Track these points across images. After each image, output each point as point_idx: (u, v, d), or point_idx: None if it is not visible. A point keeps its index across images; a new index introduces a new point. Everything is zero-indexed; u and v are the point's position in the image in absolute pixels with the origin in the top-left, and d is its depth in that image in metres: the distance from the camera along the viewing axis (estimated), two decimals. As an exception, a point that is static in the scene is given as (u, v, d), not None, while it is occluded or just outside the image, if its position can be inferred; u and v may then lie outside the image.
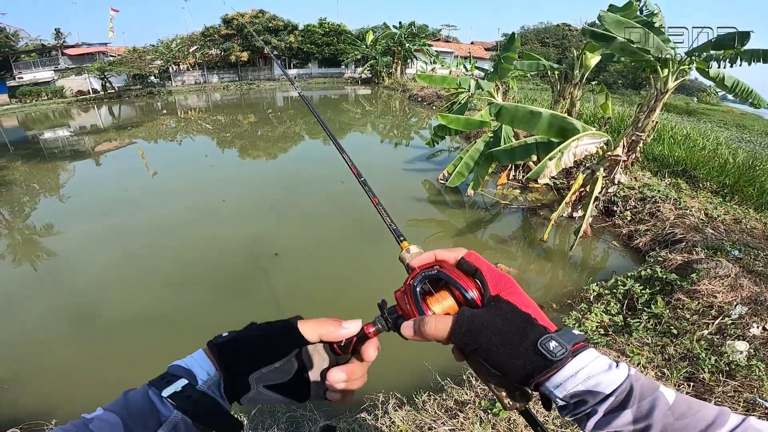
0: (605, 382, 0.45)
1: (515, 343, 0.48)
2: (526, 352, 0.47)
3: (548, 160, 4.46)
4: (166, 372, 0.52)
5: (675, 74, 4.91)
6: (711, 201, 6.05)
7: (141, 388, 0.50)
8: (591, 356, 0.47)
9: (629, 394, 0.44)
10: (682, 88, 40.83)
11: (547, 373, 0.47)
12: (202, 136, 15.28)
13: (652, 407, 0.43)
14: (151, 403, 0.48)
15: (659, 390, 0.45)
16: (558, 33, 49.16)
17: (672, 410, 0.43)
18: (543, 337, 0.48)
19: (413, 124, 16.96)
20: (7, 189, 8.83)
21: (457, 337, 0.50)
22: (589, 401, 0.45)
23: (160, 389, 0.48)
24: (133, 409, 0.47)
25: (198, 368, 0.53)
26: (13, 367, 3.44)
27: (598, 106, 10.09)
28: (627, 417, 0.43)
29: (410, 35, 30.41)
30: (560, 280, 4.86)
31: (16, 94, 26.21)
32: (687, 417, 0.42)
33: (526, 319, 0.50)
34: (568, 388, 0.46)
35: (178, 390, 0.49)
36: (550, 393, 0.47)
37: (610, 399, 0.44)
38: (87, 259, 5.39)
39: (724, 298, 3.29)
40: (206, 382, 0.52)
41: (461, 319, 0.50)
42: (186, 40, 32.85)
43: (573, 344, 0.47)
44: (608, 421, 0.44)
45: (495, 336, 0.49)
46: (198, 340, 2.08)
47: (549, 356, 0.46)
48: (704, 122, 17.23)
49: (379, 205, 0.76)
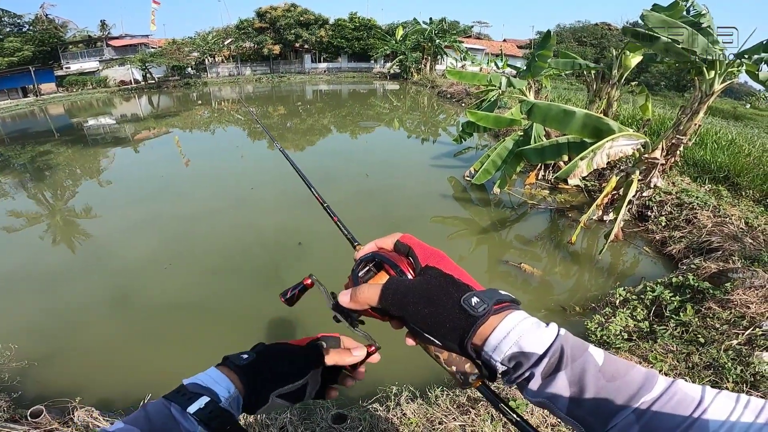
0: (535, 340, 0.45)
1: (440, 303, 0.50)
2: (451, 310, 0.49)
3: (579, 159, 4.33)
4: (183, 388, 0.55)
5: (722, 76, 4.65)
6: (752, 210, 5.71)
7: (159, 402, 0.52)
8: (520, 317, 0.48)
9: (562, 354, 0.44)
10: (729, 91, 38.68)
11: (475, 332, 0.47)
12: (234, 126, 15.68)
13: (583, 369, 0.43)
14: (173, 419, 0.50)
15: (588, 351, 0.45)
16: (596, 32, 47.42)
17: (602, 372, 0.43)
18: (465, 294, 0.49)
19: (441, 121, 16.81)
20: (51, 173, 9.37)
21: (386, 300, 0.53)
22: (524, 363, 0.45)
23: (184, 406, 0.51)
24: (155, 423, 0.50)
25: (218, 386, 0.56)
26: (45, 346, 3.56)
27: (637, 107, 9.69)
28: (563, 379, 0.44)
29: (441, 31, 30.04)
30: (586, 284, 4.72)
31: (63, 84, 27.68)
32: (617, 379, 0.42)
33: (449, 280, 0.53)
34: (504, 350, 0.46)
35: (201, 407, 0.52)
36: (490, 358, 0.47)
37: (544, 361, 0.44)
38: (123, 242, 5.63)
39: (757, 309, 3.13)
40: (227, 399, 0.55)
41: (388, 284, 0.54)
42: (221, 32, 33.76)
43: (496, 301, 0.48)
44: (547, 384, 0.44)
45: (420, 298, 0.51)
46: (227, 327, 2.20)
47: (471, 311, 0.47)
48: (751, 127, 16.24)
49: (339, 222, 0.90)
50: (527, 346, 0.45)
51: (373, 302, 0.54)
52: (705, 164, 7.42)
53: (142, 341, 3.70)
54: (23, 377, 3.12)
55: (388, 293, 0.53)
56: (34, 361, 3.27)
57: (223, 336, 3.67)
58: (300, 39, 34.36)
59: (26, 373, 3.17)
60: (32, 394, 2.98)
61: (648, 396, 0.41)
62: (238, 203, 6.93)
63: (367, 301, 0.55)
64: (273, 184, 8.18)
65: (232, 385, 0.57)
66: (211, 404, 0.52)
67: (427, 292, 0.51)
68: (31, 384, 3.11)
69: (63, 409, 2.57)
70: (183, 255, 5.25)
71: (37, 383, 3.12)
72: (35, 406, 2.44)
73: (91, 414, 2.49)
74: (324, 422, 2.39)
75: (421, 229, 6.01)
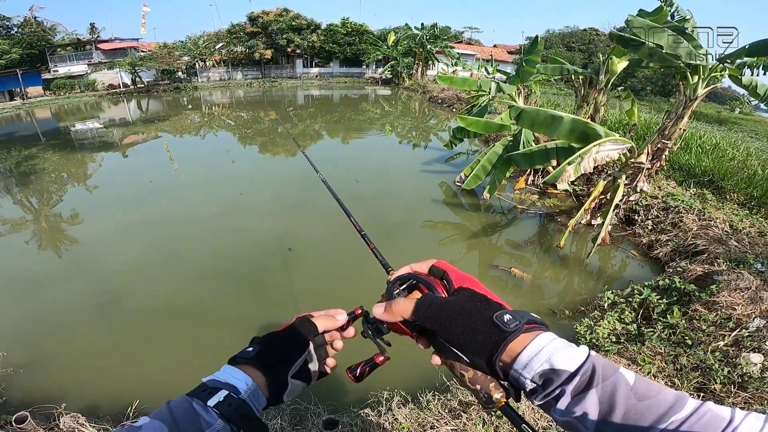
0: (567, 358, 0.46)
1: (472, 318, 0.52)
2: (484, 326, 0.51)
3: (567, 164, 4.39)
4: (203, 385, 0.58)
5: (705, 81, 4.76)
6: (737, 213, 5.84)
7: (182, 399, 0.55)
8: (550, 337, 0.49)
9: (593, 372, 0.45)
10: (714, 96, 39.42)
11: (505, 347, 0.49)
12: (224, 131, 15.59)
13: (614, 388, 0.44)
14: (195, 413, 0.53)
15: (619, 371, 0.46)
16: (584, 37, 48.17)
17: (633, 391, 0.44)
18: (498, 312, 0.52)
19: (432, 126, 16.91)
20: (37, 177, 9.22)
21: (420, 313, 0.56)
22: (555, 381, 0.46)
23: (204, 400, 0.54)
24: (179, 417, 0.52)
25: (235, 380, 0.58)
26: (31, 352, 3.50)
27: (623, 112, 9.85)
28: (593, 397, 0.44)
29: (432, 37, 30.30)
30: (575, 288, 4.78)
31: (51, 87, 27.25)
32: (648, 399, 0.43)
33: (483, 299, 0.56)
34: (535, 367, 0.47)
35: (221, 400, 0.55)
36: (519, 375, 0.48)
37: (575, 379, 0.45)
38: (110, 248, 5.55)
39: (743, 311, 3.19)
40: (246, 391, 0.58)
41: (423, 299, 0.58)
42: (213, 37, 33.58)
43: (527, 320, 0.50)
44: (576, 402, 0.45)
45: (453, 313, 0.53)
46: (215, 332, 2.19)
47: (503, 327, 0.49)
48: (735, 132, 16.59)
49: (375, 249, 0.92)
50: (559, 364, 0.46)
51: (406, 314, 0.57)
52: (690, 168, 7.57)
53: (128, 347, 3.65)
54: (8, 384, 3.07)
55: (422, 307, 0.56)
56: (20, 367, 3.21)
57: (212, 341, 3.63)
58: (292, 44, 34.36)
59: (11, 379, 3.11)
60: (17, 401, 2.94)
61: (678, 415, 0.41)
62: (227, 209, 6.88)
63: (401, 313, 0.58)
64: (263, 189, 8.15)
65: (249, 378, 0.59)
66: (230, 397, 0.55)
67: (461, 308, 0.54)
68: (16, 390, 3.06)
69: (48, 415, 2.53)
70: (171, 260, 5.19)
71: (23, 389, 3.08)
72: (20, 412, 2.39)
73: (77, 420, 2.44)
74: (315, 428, 2.38)
75: (413, 234, 6.03)
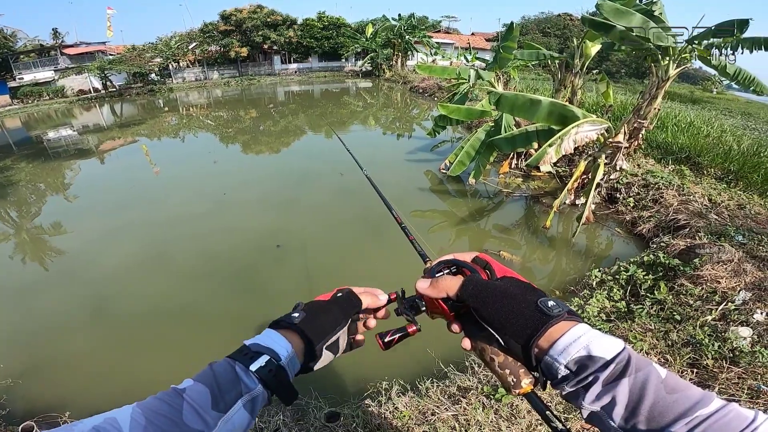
0: (604, 347, 0.47)
1: (516, 300, 0.54)
2: (528, 308, 0.52)
3: (548, 146, 4.44)
4: (245, 348, 0.59)
5: (676, 62, 4.86)
6: (715, 187, 6.00)
7: (224, 361, 0.57)
8: (588, 327, 0.50)
9: (628, 362, 0.46)
10: (686, 76, 40.27)
11: (546, 330, 0.50)
12: (204, 132, 15.29)
13: (646, 379, 0.45)
14: (236, 376, 0.55)
15: (653, 364, 0.47)
16: (559, 23, 48.68)
17: (664, 384, 0.45)
18: (543, 297, 0.53)
19: (415, 116, 16.89)
20: (13, 189, 8.90)
21: (465, 290, 0.58)
22: (590, 367, 0.47)
23: (246, 364, 0.56)
24: (221, 380, 0.53)
25: (278, 346, 0.60)
26: (28, 362, 3.49)
27: (599, 94, 10.00)
28: (624, 387, 0.45)
29: (410, 27, 30.17)
30: (564, 268, 4.86)
31: (18, 95, 26.24)
32: (676, 392, 0.44)
33: (528, 285, 0.57)
34: (572, 353, 0.48)
35: (262, 365, 0.56)
36: (554, 361, 0.49)
37: (610, 366, 0.46)
38: (96, 255, 5.43)
39: (728, 284, 3.27)
40: (287, 357, 0.59)
41: (471, 278, 0.60)
42: (185, 37, 32.74)
43: (569, 310, 0.52)
44: (607, 391, 0.46)
45: (498, 294, 0.55)
46: (210, 332, 2.16)
47: (548, 311, 0.51)
48: (709, 110, 17.03)
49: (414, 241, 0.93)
50: (596, 351, 0.47)
51: (452, 291, 0.59)
52: (667, 146, 7.74)
53: (124, 351, 3.62)
54: (9, 395, 3.03)
55: (469, 285, 0.58)
56: (18, 378, 3.19)
57: (207, 341, 3.62)
58: (268, 40, 33.77)
59: (11, 390, 3.09)
60: (20, 411, 2.92)
61: (703, 411, 0.42)
62: (213, 209, 6.77)
63: (446, 290, 0.60)
64: (247, 188, 8.04)
65: (290, 345, 0.61)
66: (270, 363, 0.57)
67: (506, 291, 0.55)
68: (18, 401, 3.04)
69: (53, 423, 2.50)
70: (160, 262, 5.10)
71: (24, 400, 3.06)
72: (25, 422, 2.35)
73: (80, 429, 2.40)
74: (317, 421, 2.38)
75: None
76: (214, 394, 0.52)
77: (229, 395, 0.52)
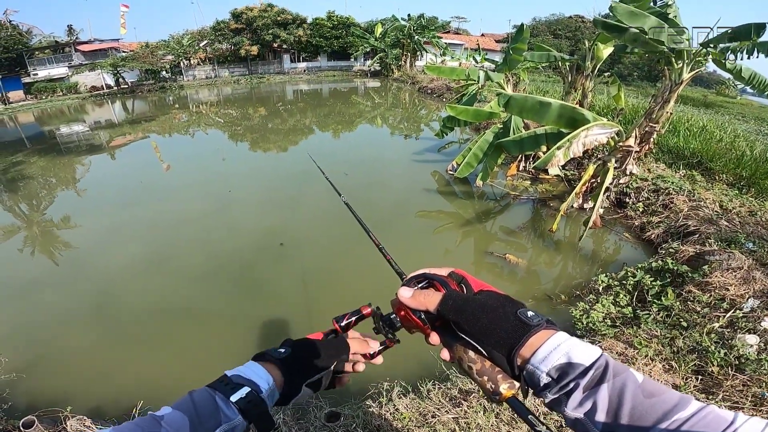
0: (583, 354, 0.49)
1: (497, 312, 0.55)
2: (507, 319, 0.53)
3: (557, 149, 4.40)
4: (226, 378, 0.60)
5: (690, 66, 4.79)
6: (726, 193, 5.91)
7: (203, 390, 0.58)
8: (567, 335, 0.52)
9: (606, 368, 0.47)
10: (699, 80, 39.65)
11: (527, 340, 0.51)
12: (214, 129, 15.40)
13: (623, 384, 0.46)
14: (216, 406, 0.55)
15: (629, 370, 0.48)
16: (570, 25, 48.29)
17: (641, 388, 0.45)
18: (522, 308, 0.55)
19: (423, 116, 16.85)
20: (25, 183, 9.05)
21: (446, 305, 0.58)
22: (570, 374, 0.48)
23: (227, 394, 0.57)
24: (201, 409, 0.54)
25: (259, 378, 0.61)
26: (31, 356, 3.52)
27: (610, 97, 9.90)
28: (604, 393, 0.46)
29: (419, 27, 30.12)
30: (570, 272, 4.82)
31: (32, 91, 26.66)
32: (654, 396, 0.44)
33: (506, 297, 0.58)
34: (553, 360, 0.49)
35: (242, 396, 0.57)
36: (536, 369, 0.50)
37: (590, 372, 0.47)
38: (104, 250, 5.49)
39: (737, 291, 3.22)
40: (267, 390, 0.61)
41: (450, 293, 0.60)
42: (196, 35, 33.03)
43: (547, 320, 0.53)
44: (588, 397, 0.47)
45: (478, 307, 0.56)
46: (213, 330, 2.18)
47: (528, 321, 0.52)
48: (722, 115, 16.76)
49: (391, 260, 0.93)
50: (576, 358, 0.48)
51: (431, 306, 0.60)
52: (679, 151, 7.64)
53: (128, 348, 3.64)
54: (12, 389, 3.07)
55: (448, 300, 0.59)
56: (22, 372, 3.22)
57: (210, 339, 3.63)
58: (278, 39, 33.91)
59: (14, 384, 3.11)
60: (22, 405, 2.95)
61: (682, 414, 0.42)
62: (219, 206, 6.83)
63: (426, 304, 0.60)
64: (254, 186, 8.08)
65: (271, 378, 0.62)
66: (251, 395, 0.58)
67: (485, 304, 0.56)
68: (21, 395, 3.07)
69: (55, 418, 2.53)
70: (167, 260, 5.14)
71: (26, 394, 3.08)
72: (27, 417, 2.38)
73: (84, 423, 2.44)
74: (318, 421, 2.38)
75: (408, 224, 6.03)
76: (193, 422, 0.52)
77: (208, 424, 0.53)
